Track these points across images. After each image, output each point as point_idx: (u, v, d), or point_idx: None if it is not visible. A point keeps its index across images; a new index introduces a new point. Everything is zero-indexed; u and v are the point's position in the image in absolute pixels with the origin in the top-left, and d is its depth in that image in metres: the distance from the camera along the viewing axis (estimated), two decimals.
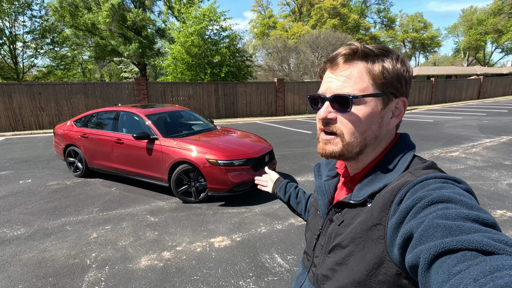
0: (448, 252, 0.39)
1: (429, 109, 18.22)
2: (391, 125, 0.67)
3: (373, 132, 0.65)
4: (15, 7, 20.84)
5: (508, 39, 35.94)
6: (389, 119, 0.66)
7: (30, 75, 26.34)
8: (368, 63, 0.63)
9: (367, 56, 0.63)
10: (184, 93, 14.04)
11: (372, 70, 0.63)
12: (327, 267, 0.67)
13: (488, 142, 7.78)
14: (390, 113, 0.66)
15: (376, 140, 0.66)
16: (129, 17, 22.93)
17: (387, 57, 0.64)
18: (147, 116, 4.72)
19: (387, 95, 0.64)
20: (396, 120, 0.67)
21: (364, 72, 0.63)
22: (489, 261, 0.36)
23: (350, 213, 0.66)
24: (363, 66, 0.63)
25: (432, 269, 0.40)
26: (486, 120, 12.08)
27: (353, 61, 0.64)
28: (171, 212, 3.90)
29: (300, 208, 1.12)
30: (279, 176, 1.26)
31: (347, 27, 37.83)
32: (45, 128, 11.74)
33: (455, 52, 51.63)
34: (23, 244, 3.12)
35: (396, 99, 0.65)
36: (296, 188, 1.17)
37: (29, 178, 5.37)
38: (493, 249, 0.37)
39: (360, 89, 0.63)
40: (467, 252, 0.38)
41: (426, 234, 0.44)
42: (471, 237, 0.39)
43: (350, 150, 0.66)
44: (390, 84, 0.63)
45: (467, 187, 0.54)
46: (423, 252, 0.42)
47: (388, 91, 0.64)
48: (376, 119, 0.64)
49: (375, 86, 0.63)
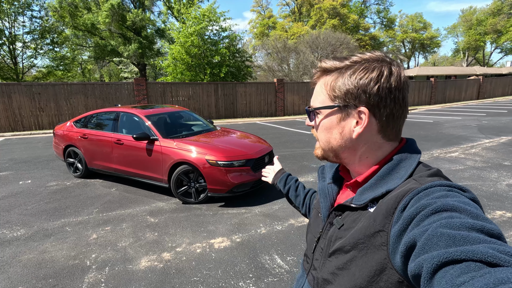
0: (452, 262, 0.39)
1: (429, 109, 18.23)
2: (356, 134, 0.65)
3: (336, 140, 0.69)
4: (15, 8, 20.81)
5: (507, 39, 35.98)
6: (352, 128, 0.66)
7: (30, 75, 26.32)
8: (326, 76, 0.69)
9: (327, 71, 0.69)
10: (183, 94, 14.04)
11: (327, 84, 0.68)
12: (328, 271, 0.67)
13: (487, 142, 7.79)
14: (352, 123, 0.65)
15: (345, 148, 0.69)
16: (129, 17, 22.94)
17: (350, 69, 0.64)
18: (147, 117, 4.72)
19: (339, 107, 0.66)
20: (360, 128, 0.65)
21: (322, 86, 0.69)
22: (494, 273, 0.35)
23: (351, 217, 0.66)
24: (323, 80, 0.69)
25: (435, 279, 0.39)
26: (485, 120, 12.10)
27: (320, 76, 0.71)
28: (171, 213, 3.90)
29: (298, 201, 1.14)
30: (281, 168, 1.29)
31: (347, 27, 37.88)
32: (44, 129, 11.73)
33: (454, 52, 51.68)
34: (23, 245, 3.12)
35: (357, 108, 0.64)
36: (296, 182, 1.19)
37: (29, 179, 5.37)
38: (498, 261, 0.36)
39: (320, 102, 0.70)
40: (471, 263, 0.37)
41: (429, 243, 0.43)
42: (476, 248, 0.38)
43: (328, 155, 0.73)
44: (344, 96, 0.65)
45: (473, 196, 0.53)
46: (426, 261, 0.41)
47: (342, 102, 0.65)
48: (335, 129, 0.68)
49: (330, 98, 0.67)
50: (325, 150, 0.73)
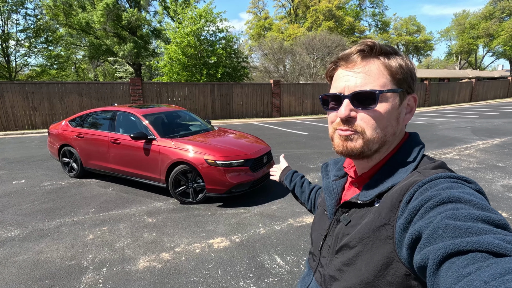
0: (458, 253, 0.38)
1: (423, 111, 18.44)
2: (406, 121, 0.68)
3: (393, 128, 0.65)
4: (9, 5, 20.50)
5: (499, 43, 36.56)
6: (404, 115, 0.67)
7: (23, 74, 25.93)
8: (385, 59, 0.64)
9: (383, 53, 0.64)
10: (180, 94, 13.98)
11: (390, 66, 0.63)
12: (334, 268, 0.67)
13: (481, 144, 7.90)
14: (404, 110, 0.67)
15: (394, 136, 0.67)
16: (124, 16, 22.75)
17: (398, 54, 0.65)
18: (144, 116, 4.68)
19: (403, 91, 0.65)
20: (410, 116, 0.68)
21: (382, 68, 0.63)
22: (500, 263, 0.34)
23: (358, 213, 0.65)
24: (381, 62, 0.63)
25: (441, 270, 0.39)
26: (478, 122, 12.27)
27: (369, 57, 0.64)
28: (168, 213, 3.87)
29: (304, 197, 1.16)
30: (288, 165, 1.31)
31: (342, 29, 38.11)
32: (38, 128, 11.55)
33: (447, 55, 52.39)
34: (18, 246, 3.05)
35: (409, 95, 0.67)
36: (301, 178, 1.21)
37: (23, 179, 5.28)
38: (504, 251, 0.36)
39: (380, 85, 0.63)
40: (478, 254, 0.37)
41: (435, 235, 0.43)
42: (482, 238, 0.38)
43: (370, 147, 0.65)
44: (405, 80, 0.64)
45: (478, 187, 0.53)
46: (432, 253, 0.41)
47: (403, 87, 0.65)
48: (395, 115, 0.65)
49: (393, 82, 0.63)
50: (371, 141, 0.64)
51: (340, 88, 0.66)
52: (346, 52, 0.66)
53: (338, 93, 0.66)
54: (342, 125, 0.66)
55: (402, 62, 0.64)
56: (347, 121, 0.65)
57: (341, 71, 0.67)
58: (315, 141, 8.76)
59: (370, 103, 0.62)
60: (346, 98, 0.64)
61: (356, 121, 0.64)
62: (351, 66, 0.65)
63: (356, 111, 0.64)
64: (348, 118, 0.65)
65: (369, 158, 0.68)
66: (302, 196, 1.17)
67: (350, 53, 0.65)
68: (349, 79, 0.65)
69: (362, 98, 0.63)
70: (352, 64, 0.65)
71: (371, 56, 0.64)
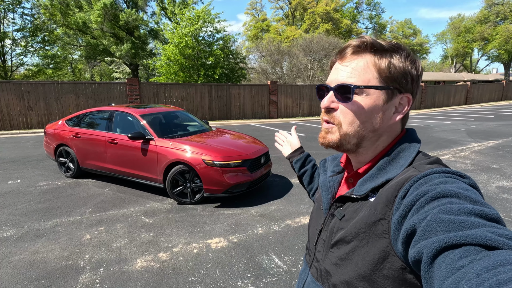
0: (451, 247, 0.39)
1: (419, 113, 18.58)
2: (393, 120, 0.67)
3: (372, 125, 0.65)
4: (5, 4, 20.34)
5: (493, 47, 36.98)
6: (392, 114, 0.66)
7: (19, 73, 25.71)
8: (375, 56, 0.64)
9: (375, 49, 0.64)
10: (177, 94, 13.95)
11: (378, 63, 0.63)
12: (330, 262, 0.67)
13: (476, 146, 7.98)
14: (393, 108, 0.66)
15: (374, 133, 0.67)
16: (122, 17, 22.66)
17: (397, 53, 0.64)
18: (142, 116, 4.67)
19: (391, 89, 0.64)
20: (399, 115, 0.67)
21: (370, 64, 0.64)
22: (492, 256, 0.36)
23: (352, 208, 0.66)
24: (370, 58, 0.64)
25: (435, 264, 0.40)
26: (473, 125, 12.40)
27: (361, 53, 0.65)
28: (166, 213, 3.86)
29: (311, 188, 1.14)
30: (301, 146, 1.22)
31: (340, 31, 38.36)
32: (33, 128, 11.45)
33: (443, 58, 52.85)
34: (13, 246, 3.03)
35: (401, 94, 0.65)
36: (313, 167, 1.16)
37: (18, 179, 5.23)
38: (496, 244, 0.37)
39: (363, 81, 0.64)
40: (471, 247, 0.38)
41: (429, 229, 0.44)
42: (475, 232, 0.39)
43: (348, 141, 0.67)
44: (395, 79, 0.64)
45: (472, 181, 0.53)
46: (426, 247, 0.42)
47: (392, 85, 0.64)
48: (376, 112, 0.65)
49: (379, 79, 0.64)
50: (349, 135, 0.66)
51: (330, 80, 0.69)
52: (343, 46, 0.69)
53: (327, 84, 0.69)
54: (325, 115, 0.70)
55: (396, 61, 0.63)
56: (328, 111, 0.69)
57: (336, 64, 0.70)
58: (312, 142, 8.80)
59: (348, 96, 0.64)
60: (331, 90, 0.67)
61: (335, 112, 0.67)
62: (343, 60, 0.67)
63: (337, 103, 0.67)
64: (329, 108, 0.68)
65: (356, 153, 0.70)
66: (309, 187, 1.15)
67: (344, 47, 0.67)
68: (338, 72, 0.67)
69: (343, 91, 0.65)
70: (344, 58, 0.67)
71: (363, 52, 0.65)
